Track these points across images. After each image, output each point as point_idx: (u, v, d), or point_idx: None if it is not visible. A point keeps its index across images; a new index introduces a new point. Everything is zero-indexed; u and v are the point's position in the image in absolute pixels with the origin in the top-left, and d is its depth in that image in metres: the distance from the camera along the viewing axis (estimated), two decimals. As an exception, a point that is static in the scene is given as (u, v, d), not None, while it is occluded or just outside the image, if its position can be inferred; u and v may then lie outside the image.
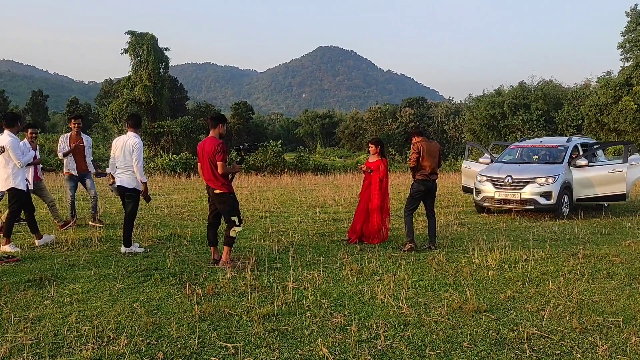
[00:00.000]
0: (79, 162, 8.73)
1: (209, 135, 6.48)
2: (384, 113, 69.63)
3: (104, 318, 4.28)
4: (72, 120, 8.84)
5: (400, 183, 19.53)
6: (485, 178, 11.29)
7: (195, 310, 4.48)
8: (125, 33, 51.48)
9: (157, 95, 51.20)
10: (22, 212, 7.25)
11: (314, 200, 13.61)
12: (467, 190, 12.97)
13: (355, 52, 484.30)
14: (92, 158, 9.05)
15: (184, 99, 69.89)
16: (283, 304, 4.74)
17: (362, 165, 8.41)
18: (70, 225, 8.48)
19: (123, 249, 6.90)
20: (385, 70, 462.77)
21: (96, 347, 3.70)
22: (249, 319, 4.35)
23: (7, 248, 6.79)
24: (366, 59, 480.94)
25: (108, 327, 4.07)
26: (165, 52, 52.79)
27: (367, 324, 4.29)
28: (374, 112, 70.47)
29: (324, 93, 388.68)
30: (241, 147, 7.03)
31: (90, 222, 8.86)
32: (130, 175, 6.89)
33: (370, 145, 8.36)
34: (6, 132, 6.96)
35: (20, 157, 6.90)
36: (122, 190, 7.01)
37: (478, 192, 11.40)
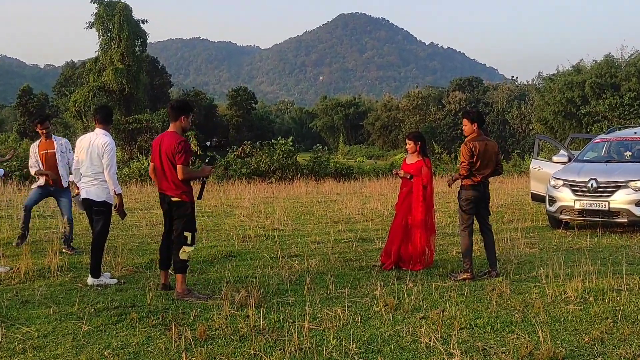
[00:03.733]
0: (53, 173, 8.83)
1: (169, 130, 6.60)
2: (427, 99, 69.60)
3: (67, 370, 4.34)
4: (39, 125, 8.96)
5: (449, 191, 19.41)
6: (561, 182, 11.19)
7: (184, 359, 4.52)
8: (91, 1, 52.27)
9: (132, 82, 51.91)
10: None
11: (335, 215, 13.62)
12: (537, 198, 12.85)
13: (388, 21, 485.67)
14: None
15: (166, 85, 70.69)
16: (297, 350, 4.75)
17: (399, 171, 8.38)
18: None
19: (90, 280, 6.97)
20: (427, 44, 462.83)
21: (57, 407, 3.74)
22: (253, 370, 4.37)
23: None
24: (402, 29, 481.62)
25: (72, 382, 4.12)
26: (142, 25, 53.55)
27: (407, 376, 4.28)
28: (414, 98, 70.46)
29: (348, 74, 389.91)
30: (208, 143, 7.11)
31: (63, 249, 8.96)
32: (99, 184, 6.98)
33: (408, 141, 8.35)
34: None
35: None
36: (88, 204, 7.10)
37: (552, 201, 11.30)
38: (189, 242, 6.44)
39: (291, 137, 28.43)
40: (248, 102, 74.43)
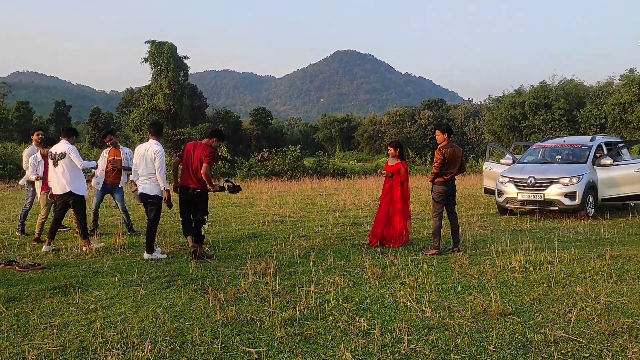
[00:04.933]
0: (110, 175, 8.80)
1: (203, 142, 7.05)
2: (403, 116, 69.32)
3: (128, 324, 4.32)
4: (104, 138, 8.97)
5: (421, 186, 19.42)
6: (507, 179, 11.15)
7: (218, 315, 4.50)
8: (145, 42, 52.26)
9: (177, 103, 51.79)
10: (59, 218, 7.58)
11: (334, 205, 13.58)
12: (488, 192, 12.81)
13: (373, 56, 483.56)
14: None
15: (203, 106, 70.50)
16: (305, 308, 4.73)
17: (382, 171, 8.37)
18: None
19: (146, 255, 6.96)
20: (403, 73, 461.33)
21: (121, 353, 3.73)
22: (272, 324, 4.34)
23: (95, 244, 7.58)
24: (384, 62, 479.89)
25: (132, 333, 4.10)
26: (184, 60, 53.41)
27: (390, 327, 4.25)
28: (393, 115, 70.22)
29: (342, 97, 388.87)
30: (229, 179, 7.78)
31: (128, 232, 8.92)
32: (152, 182, 6.97)
33: (389, 148, 8.32)
34: (64, 141, 7.41)
35: (82, 160, 7.40)
36: (144, 197, 7.09)
37: (500, 193, 11.27)
38: (205, 222, 7.00)
39: (299, 146, 28.38)
40: (266, 118, 74.21)
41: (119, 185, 8.89)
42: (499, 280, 5.76)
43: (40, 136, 8.84)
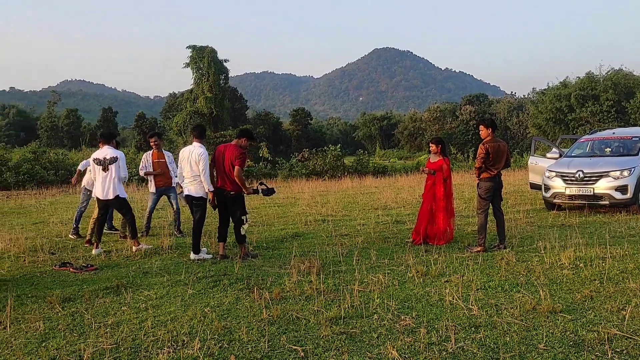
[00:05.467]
0: (160, 177, 9.04)
1: (232, 143, 7.09)
2: (444, 112, 68.40)
3: (178, 323, 4.43)
4: (151, 139, 9.21)
5: (464, 182, 19.11)
6: (554, 174, 10.84)
7: (264, 314, 4.55)
8: (187, 47, 53.25)
9: (218, 106, 52.63)
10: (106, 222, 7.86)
11: (375, 203, 13.53)
12: (535, 187, 12.49)
13: (412, 52, 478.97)
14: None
15: (244, 108, 71.43)
16: (350, 307, 4.73)
17: (424, 168, 8.29)
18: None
19: (192, 255, 7.11)
20: (443, 69, 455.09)
21: (171, 350, 3.82)
22: (317, 322, 4.37)
23: (144, 246, 7.75)
24: (423, 58, 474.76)
25: (182, 332, 4.20)
26: (224, 63, 54.18)
27: (436, 326, 4.21)
28: (433, 112, 69.36)
29: (381, 95, 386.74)
30: (263, 182, 7.82)
31: (175, 233, 9.15)
32: (197, 184, 7.12)
33: (431, 144, 8.23)
34: (107, 146, 7.72)
35: (125, 168, 7.74)
36: (190, 199, 7.25)
37: (547, 188, 10.97)
38: (245, 222, 7.02)
39: (339, 145, 28.37)
40: (305, 119, 74.58)
41: (172, 186, 9.09)
42: (548, 277, 5.61)
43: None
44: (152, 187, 9.09)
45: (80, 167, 9.30)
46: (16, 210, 13.43)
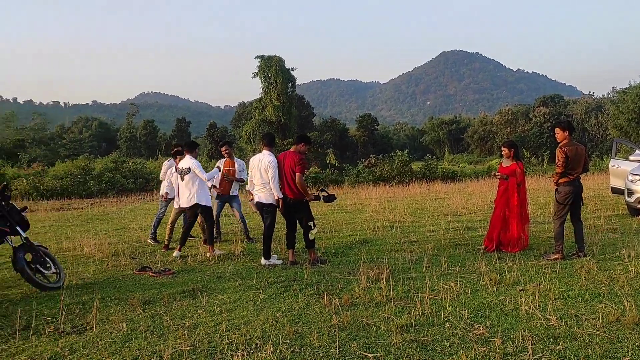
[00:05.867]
0: (226, 185, 9.30)
1: (290, 150, 7.21)
2: (516, 114, 66.23)
3: (251, 326, 4.54)
4: (222, 147, 9.49)
5: (538, 187, 18.36)
6: (638, 177, 10.22)
7: (334, 320, 4.58)
8: (255, 57, 54.67)
9: (286, 114, 53.60)
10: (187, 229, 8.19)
11: (445, 209, 13.27)
12: (616, 191, 11.80)
13: (481, 54, 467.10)
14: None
15: (310, 115, 72.28)
16: (420, 314, 4.67)
17: (496, 173, 8.05)
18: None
19: (263, 261, 7.27)
20: (514, 70, 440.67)
21: (245, 353, 3.93)
22: (387, 329, 4.34)
23: (217, 251, 8.02)
24: (493, 59, 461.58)
25: (255, 335, 4.30)
26: (292, 72, 55.15)
27: (511, 336, 4.08)
28: (505, 114, 67.30)
29: (449, 99, 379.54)
30: (324, 189, 7.78)
31: (245, 240, 9.37)
32: (267, 191, 7.27)
33: (503, 148, 7.98)
34: (188, 156, 8.07)
35: (205, 174, 7.97)
36: (260, 206, 7.43)
37: (630, 193, 10.34)
38: (312, 227, 7.11)
39: (406, 150, 28.11)
40: (372, 124, 74.48)
41: (233, 194, 9.33)
42: (633, 287, 5.29)
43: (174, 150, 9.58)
44: (214, 194, 9.32)
45: (163, 177, 9.65)
46: (99, 217, 14.24)
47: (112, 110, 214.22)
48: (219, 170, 8.91)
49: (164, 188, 9.47)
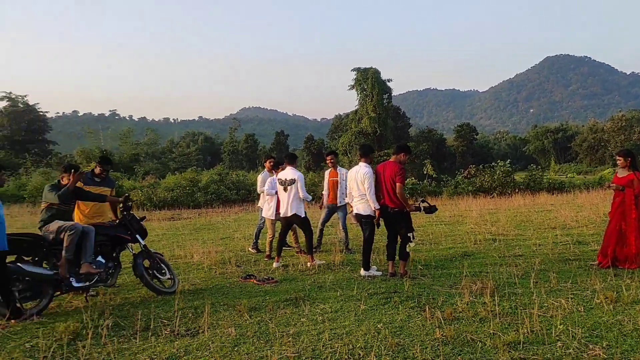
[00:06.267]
0: (332, 194, 9.44)
1: (390, 160, 7.21)
2: (630, 121, 61.37)
3: (353, 336, 4.59)
4: (328, 157, 9.65)
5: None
6: None
7: (437, 333, 4.51)
8: (352, 70, 55.25)
9: (382, 125, 53.52)
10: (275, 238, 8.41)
11: (552, 222, 12.57)
12: None
13: (590, 58, 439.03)
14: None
15: (407, 126, 71.64)
16: (529, 332, 4.47)
17: (610, 184, 7.52)
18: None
19: (363, 272, 7.30)
20: (628, 73, 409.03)
21: (348, 363, 3.97)
22: (493, 345, 4.20)
23: (317, 261, 8.18)
24: (603, 63, 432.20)
25: (357, 346, 4.34)
26: (387, 83, 55.06)
27: (631, 358, 3.79)
28: (618, 121, 62.60)
29: (555, 106, 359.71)
30: (424, 199, 7.63)
31: (344, 250, 9.47)
32: (364, 203, 7.32)
33: (618, 157, 7.45)
34: (290, 167, 8.36)
35: (304, 191, 8.23)
36: (359, 218, 7.48)
37: None
38: (412, 239, 7.04)
39: (508, 160, 26.97)
40: (470, 134, 72.35)
41: (341, 204, 9.42)
42: None
43: (271, 162, 9.91)
44: (324, 203, 9.52)
45: (262, 189, 9.96)
46: (206, 226, 15.03)
47: (216, 125, 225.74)
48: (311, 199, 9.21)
49: (262, 199, 9.80)
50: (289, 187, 8.13)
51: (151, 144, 62.88)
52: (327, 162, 9.59)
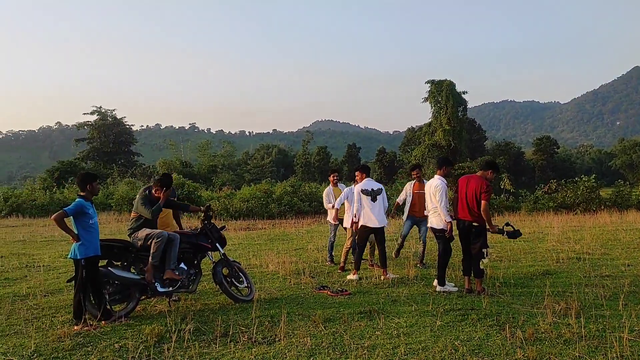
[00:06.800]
0: (416, 206, 9.28)
1: (476, 174, 7.01)
2: None
3: (429, 352, 4.52)
4: (413, 171, 9.57)
5: None
6: None
7: (519, 354, 4.36)
8: (426, 83, 54.63)
9: (456, 138, 52.42)
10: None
11: (643, 241, 11.78)
12: None
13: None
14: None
15: (482, 139, 69.76)
16: (618, 356, 4.23)
17: None
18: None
19: (438, 287, 7.17)
20: None
21: (425, 379, 3.92)
22: (580, 369, 4.00)
23: (391, 275, 8.18)
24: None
25: (434, 362, 4.27)
26: (462, 95, 53.95)
27: None
28: None
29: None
30: (509, 223, 7.22)
31: (418, 264, 9.37)
32: (437, 216, 7.24)
33: None
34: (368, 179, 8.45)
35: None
36: (433, 231, 7.39)
37: None
38: (485, 255, 6.83)
39: (593, 175, 25.59)
40: (551, 147, 69.32)
41: (424, 217, 9.29)
42: None
43: (335, 177, 10.00)
44: (404, 216, 9.42)
45: (334, 204, 9.99)
46: (280, 237, 15.31)
47: (289, 138, 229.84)
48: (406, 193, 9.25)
49: (332, 212, 9.85)
50: (378, 197, 8.14)
51: (227, 156, 65.05)
52: (413, 176, 9.44)
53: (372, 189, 8.18)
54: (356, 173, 8.71)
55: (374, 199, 8.12)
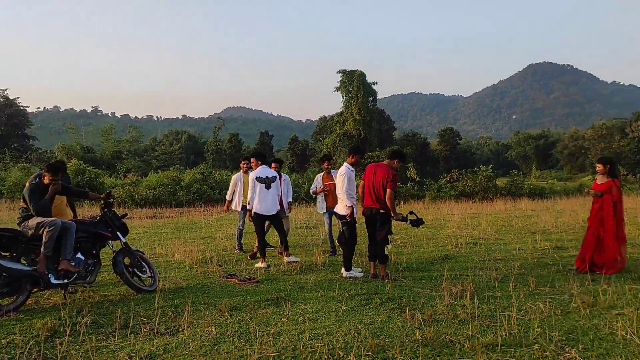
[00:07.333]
0: (331, 197, 9.31)
1: (383, 163, 7.19)
2: (611, 129, 62.38)
3: (334, 337, 4.60)
4: (323, 163, 9.40)
5: (636, 207, 17.20)
6: None
7: (417, 335, 4.54)
8: (337, 72, 55.27)
9: (366, 128, 53.63)
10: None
11: (532, 227, 12.74)
12: None
13: (572, 66, 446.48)
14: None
15: (391, 129, 72.00)
16: (507, 334, 4.53)
17: (590, 190, 7.65)
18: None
19: (345, 273, 7.32)
20: (609, 82, 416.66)
21: (328, 363, 3.99)
22: (472, 347, 4.25)
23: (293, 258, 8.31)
24: (586, 72, 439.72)
25: (337, 346, 4.35)
26: (373, 86, 55.21)
27: (607, 362, 3.87)
28: (598, 129, 63.62)
29: (537, 113, 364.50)
30: (412, 212, 7.39)
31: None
32: (342, 202, 7.39)
33: (598, 164, 7.59)
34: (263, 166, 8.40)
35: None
36: (338, 217, 7.58)
37: None
38: (389, 242, 7.10)
39: (490, 165, 27.32)
40: (454, 139, 72.96)
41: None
42: None
43: (246, 165, 9.86)
44: (322, 208, 9.34)
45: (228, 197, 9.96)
46: (188, 226, 14.93)
47: (200, 124, 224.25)
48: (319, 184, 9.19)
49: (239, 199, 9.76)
50: (272, 185, 8.15)
51: (133, 142, 62.22)
52: (323, 167, 9.37)
53: (267, 177, 8.21)
54: (251, 160, 8.64)
55: (268, 187, 8.15)
